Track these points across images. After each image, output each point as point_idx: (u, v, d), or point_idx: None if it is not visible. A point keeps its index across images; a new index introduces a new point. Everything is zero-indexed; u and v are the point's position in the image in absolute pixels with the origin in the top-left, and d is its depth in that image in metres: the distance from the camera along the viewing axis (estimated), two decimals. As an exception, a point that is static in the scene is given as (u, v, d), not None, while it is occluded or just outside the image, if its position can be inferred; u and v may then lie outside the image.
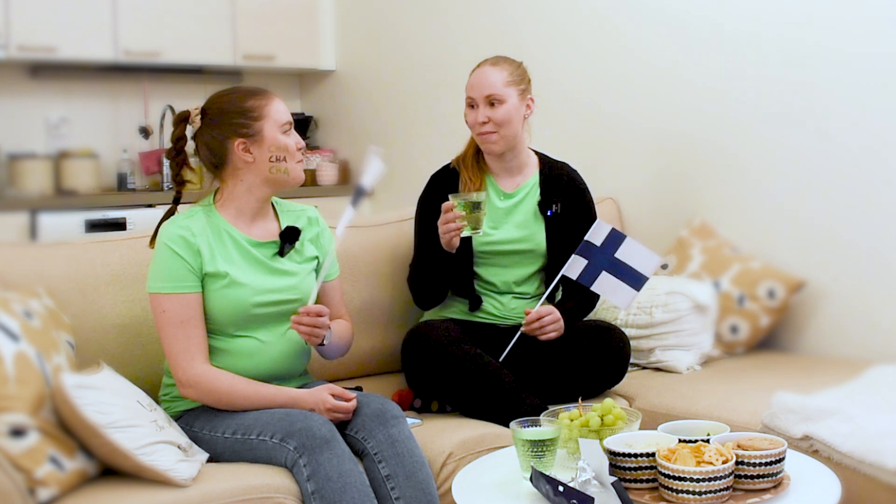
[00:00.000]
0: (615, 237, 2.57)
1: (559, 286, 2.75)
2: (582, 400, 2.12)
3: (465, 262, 2.69)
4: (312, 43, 5.17)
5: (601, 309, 2.94)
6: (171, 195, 2.38)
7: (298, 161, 2.32)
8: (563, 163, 2.87)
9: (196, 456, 2.10)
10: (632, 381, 2.80)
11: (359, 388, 2.40)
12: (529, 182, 2.79)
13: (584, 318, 2.78)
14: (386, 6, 4.85)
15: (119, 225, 4.29)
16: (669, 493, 1.78)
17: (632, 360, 2.77)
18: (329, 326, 2.27)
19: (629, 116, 3.68)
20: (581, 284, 2.62)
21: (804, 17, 3.15)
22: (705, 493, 1.75)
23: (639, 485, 1.85)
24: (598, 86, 3.79)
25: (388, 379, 2.85)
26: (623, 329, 2.81)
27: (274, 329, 2.31)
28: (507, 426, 2.06)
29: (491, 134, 2.69)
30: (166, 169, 4.70)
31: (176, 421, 2.23)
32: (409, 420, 2.31)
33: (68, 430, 1.95)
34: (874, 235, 3.02)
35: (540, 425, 1.97)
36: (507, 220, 2.75)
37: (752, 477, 1.82)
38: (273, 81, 5.19)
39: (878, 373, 2.60)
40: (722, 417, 2.35)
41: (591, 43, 3.81)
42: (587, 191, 2.85)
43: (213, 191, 2.35)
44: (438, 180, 2.79)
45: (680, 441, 1.88)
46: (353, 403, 2.22)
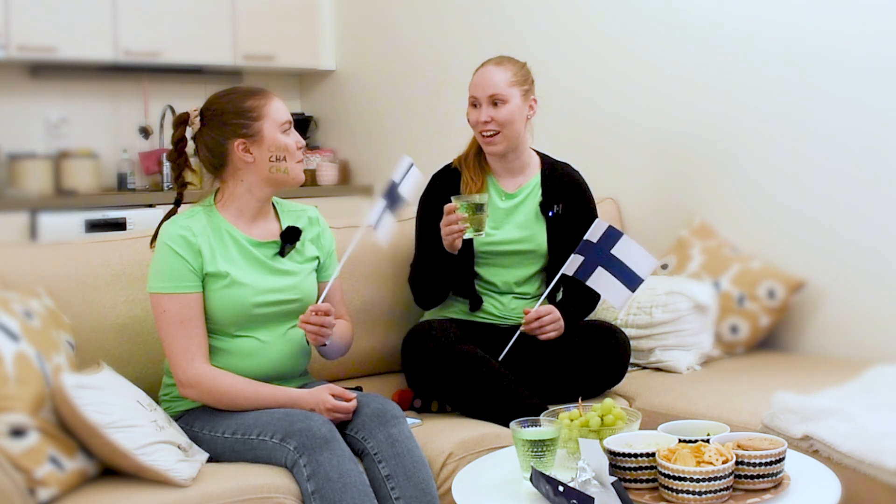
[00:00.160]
0: (612, 234, 2.57)
1: (560, 286, 2.75)
2: (582, 400, 2.12)
3: (466, 262, 2.69)
4: (312, 43, 5.17)
5: (601, 309, 2.94)
6: (172, 195, 2.38)
7: (299, 161, 2.32)
8: (565, 163, 2.87)
9: (196, 456, 2.10)
10: (632, 381, 2.80)
11: (359, 388, 2.40)
12: (531, 182, 2.79)
13: (584, 319, 2.78)
14: (386, 6, 4.85)
15: (119, 225, 4.28)
16: (669, 493, 1.78)
17: (632, 360, 2.76)
18: (333, 325, 2.28)
19: (629, 116, 3.68)
20: (582, 285, 2.62)
21: (804, 17, 3.15)
22: (705, 493, 1.75)
23: (639, 485, 1.85)
24: (599, 86, 3.79)
25: (388, 379, 2.85)
26: (623, 329, 2.81)
27: (274, 329, 2.31)
28: (507, 426, 2.05)
29: (493, 134, 2.69)
30: (166, 169, 4.70)
31: (176, 421, 2.23)
32: (409, 420, 2.31)
33: (68, 430, 1.95)
34: (874, 235, 3.02)
35: (540, 425, 1.97)
36: (509, 220, 2.75)
37: (752, 477, 1.82)
38: (273, 81, 5.18)
39: (878, 373, 2.59)
40: (722, 417, 2.35)
41: (592, 43, 3.81)
42: (588, 191, 2.85)
43: (213, 191, 2.35)
44: (440, 180, 2.79)
45: (680, 441, 1.88)
46: (353, 403, 2.22)
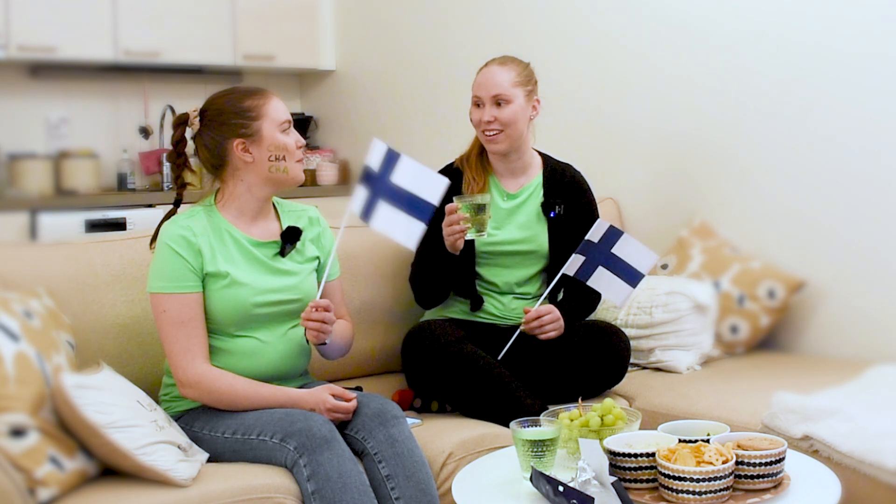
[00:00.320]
0: (612, 233, 2.57)
1: (561, 286, 2.74)
2: (582, 400, 2.12)
3: (467, 262, 2.69)
4: (312, 43, 5.17)
5: (601, 309, 2.94)
6: (172, 195, 2.38)
7: (298, 160, 2.32)
8: (567, 164, 2.86)
9: (196, 456, 2.10)
10: (632, 381, 2.80)
11: (359, 388, 2.39)
12: (533, 183, 2.79)
13: (584, 319, 2.78)
14: (386, 6, 4.85)
15: (119, 225, 4.28)
16: (669, 493, 1.78)
17: (632, 360, 2.76)
18: (334, 321, 2.28)
19: (629, 117, 3.68)
20: (582, 284, 2.62)
21: (804, 18, 3.15)
22: (705, 493, 1.75)
23: (639, 485, 1.85)
24: (599, 86, 3.79)
25: (388, 379, 2.85)
26: (623, 329, 2.80)
27: (274, 329, 2.31)
28: (507, 426, 2.06)
29: (496, 134, 2.68)
30: (166, 169, 4.70)
31: (176, 421, 2.22)
32: (409, 420, 2.31)
33: (68, 430, 1.95)
34: (874, 235, 3.02)
35: (540, 425, 1.97)
36: (510, 220, 2.75)
37: (752, 477, 1.82)
38: (273, 81, 5.18)
39: (877, 373, 2.59)
40: (722, 417, 2.35)
41: (592, 43, 3.81)
42: (590, 192, 2.84)
43: (214, 191, 2.35)
44: None
45: (680, 441, 1.88)
46: (353, 403, 2.22)
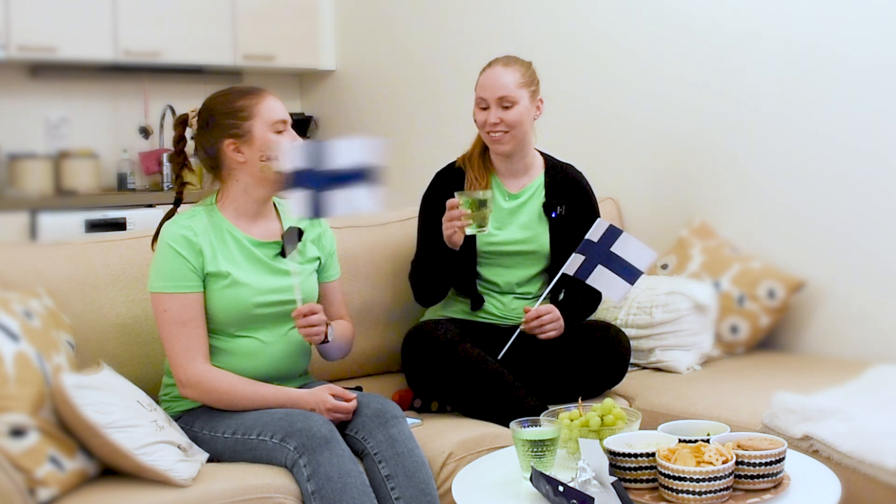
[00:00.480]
0: (612, 232, 2.57)
1: (562, 286, 2.74)
2: (582, 400, 2.12)
3: (468, 261, 2.69)
4: (312, 43, 5.17)
5: (601, 309, 2.93)
6: (172, 195, 2.38)
7: None
8: (569, 164, 2.86)
9: (196, 456, 2.10)
10: (632, 381, 2.80)
11: (359, 388, 2.39)
12: (534, 183, 2.78)
13: (585, 319, 2.78)
14: (386, 6, 4.85)
15: (119, 225, 4.29)
16: (669, 493, 1.78)
17: (632, 360, 2.76)
18: (327, 322, 2.27)
19: (629, 116, 3.68)
20: (583, 284, 2.62)
21: (804, 18, 3.15)
22: (705, 493, 1.75)
23: (639, 485, 1.85)
24: (599, 86, 3.79)
25: (388, 379, 2.85)
26: (623, 329, 2.80)
27: (275, 329, 2.30)
28: (507, 426, 2.05)
29: (502, 134, 2.68)
30: (166, 169, 4.71)
31: (176, 421, 2.22)
32: (409, 420, 2.31)
33: (68, 430, 1.95)
34: (874, 235, 3.02)
35: (540, 425, 1.97)
36: (512, 220, 2.74)
37: (752, 477, 1.82)
38: (273, 81, 5.18)
39: (877, 373, 2.60)
40: (722, 417, 2.35)
41: (592, 43, 3.81)
42: (592, 193, 2.84)
43: (215, 191, 2.35)
44: (443, 178, 2.77)
45: (680, 441, 1.88)
46: (353, 403, 2.22)
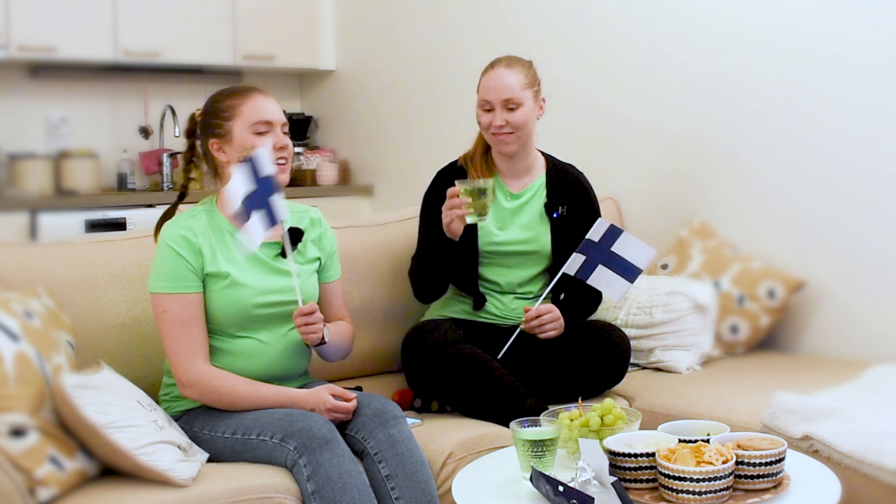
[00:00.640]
0: (612, 232, 2.56)
1: (562, 287, 2.74)
2: (582, 400, 2.12)
3: (470, 261, 2.69)
4: (312, 43, 5.17)
5: (601, 309, 2.93)
6: (172, 195, 2.39)
7: (277, 161, 2.25)
8: (570, 164, 2.86)
9: (196, 456, 2.10)
10: (632, 381, 2.80)
11: (359, 388, 2.40)
12: (536, 183, 2.78)
13: (585, 319, 2.78)
14: (386, 6, 4.85)
15: (119, 225, 4.29)
16: (669, 493, 1.78)
17: (632, 360, 2.76)
18: (325, 321, 2.27)
19: (630, 117, 3.68)
20: (584, 285, 2.62)
21: (804, 19, 3.15)
22: (705, 493, 1.75)
23: (639, 485, 1.85)
24: (599, 86, 3.79)
25: (388, 379, 2.85)
26: (623, 329, 2.80)
27: (275, 329, 2.30)
28: (507, 426, 2.05)
29: (507, 135, 2.67)
30: (166, 169, 4.71)
31: (176, 421, 2.22)
32: (409, 420, 2.31)
33: (68, 430, 1.95)
34: (874, 235, 3.02)
35: (540, 425, 1.97)
36: (513, 220, 2.74)
37: (752, 477, 1.82)
38: (273, 81, 5.18)
39: (877, 373, 2.60)
40: (722, 417, 2.35)
41: (592, 43, 3.81)
42: (593, 193, 2.84)
43: (215, 191, 2.35)
44: (445, 177, 2.76)
45: (680, 441, 1.88)
46: (353, 403, 2.22)
